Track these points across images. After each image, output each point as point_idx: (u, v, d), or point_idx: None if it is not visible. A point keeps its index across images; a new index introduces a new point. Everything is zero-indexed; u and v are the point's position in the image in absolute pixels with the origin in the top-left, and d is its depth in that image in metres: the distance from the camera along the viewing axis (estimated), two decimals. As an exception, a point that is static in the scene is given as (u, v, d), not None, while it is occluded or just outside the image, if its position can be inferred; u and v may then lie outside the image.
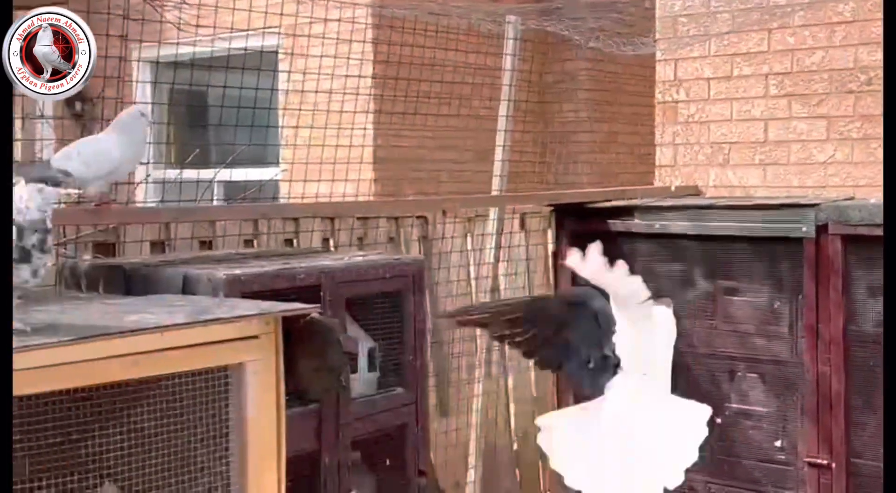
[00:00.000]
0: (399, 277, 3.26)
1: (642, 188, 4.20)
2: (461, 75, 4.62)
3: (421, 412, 3.28)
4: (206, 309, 2.44)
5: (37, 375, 2.05)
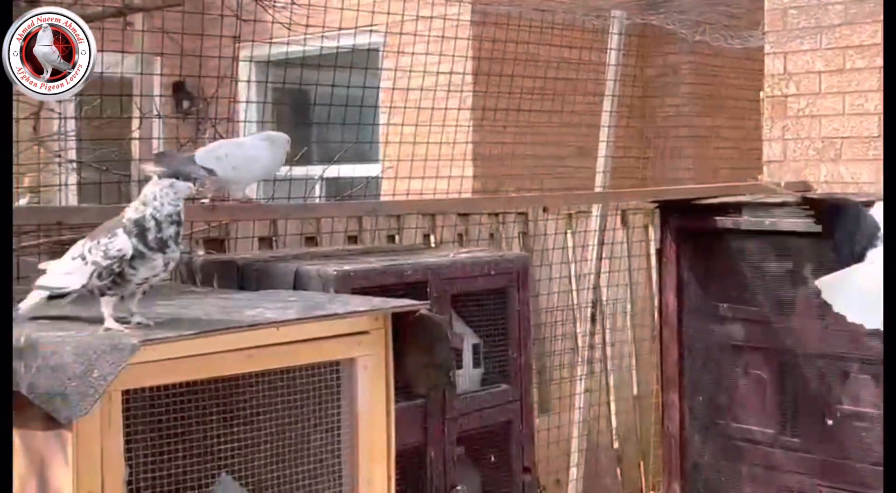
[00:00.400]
0: (504, 273, 3.26)
1: (750, 184, 4.12)
2: (561, 71, 4.59)
3: (526, 409, 3.28)
4: (319, 305, 2.48)
5: (160, 367, 2.12)
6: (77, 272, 2.15)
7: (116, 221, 2.18)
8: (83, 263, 2.14)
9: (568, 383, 4.73)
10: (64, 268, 2.19)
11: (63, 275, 2.18)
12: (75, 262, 2.16)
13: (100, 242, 2.14)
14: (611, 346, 5.03)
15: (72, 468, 2.02)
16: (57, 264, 2.24)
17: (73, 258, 2.17)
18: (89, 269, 2.13)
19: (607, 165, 4.43)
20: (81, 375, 1.94)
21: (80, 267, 2.14)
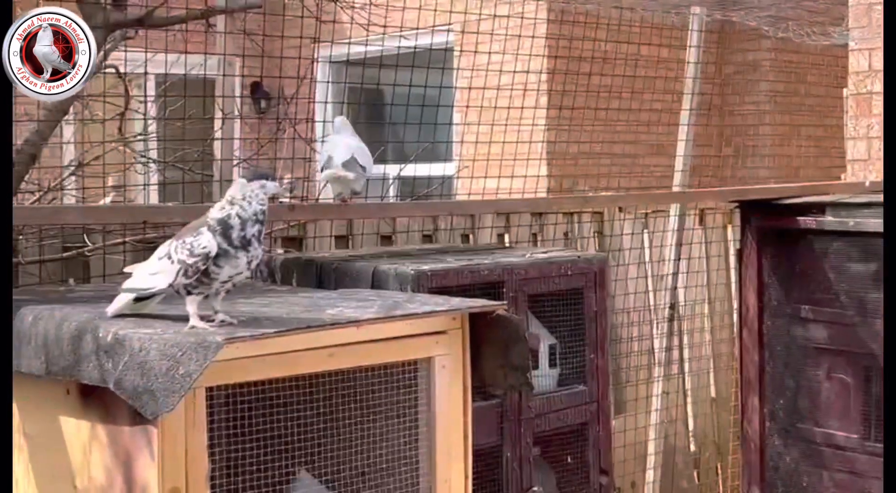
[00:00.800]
0: (581, 273, 3.24)
1: (834, 184, 4.02)
2: (637, 68, 4.54)
3: (603, 410, 3.25)
4: (398, 304, 2.49)
5: (242, 365, 2.15)
6: (163, 272, 2.18)
7: (201, 220, 2.22)
8: (169, 262, 2.17)
9: (644, 384, 4.67)
10: (150, 269, 2.23)
11: (149, 276, 2.21)
12: (162, 262, 2.19)
13: (185, 241, 2.17)
14: (688, 348, 4.96)
15: (157, 464, 2.05)
16: (143, 266, 2.28)
17: (160, 258, 2.20)
18: (175, 268, 2.16)
19: (686, 164, 4.37)
20: (167, 372, 1.97)
21: (167, 266, 2.17)
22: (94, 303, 2.49)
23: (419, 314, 2.41)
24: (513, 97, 4.11)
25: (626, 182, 6.38)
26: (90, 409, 2.20)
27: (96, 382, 2.11)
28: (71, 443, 2.25)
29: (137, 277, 2.26)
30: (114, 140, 3.27)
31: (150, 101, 3.85)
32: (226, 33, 3.15)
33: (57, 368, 2.20)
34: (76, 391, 2.22)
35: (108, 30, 3.07)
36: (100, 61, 3.14)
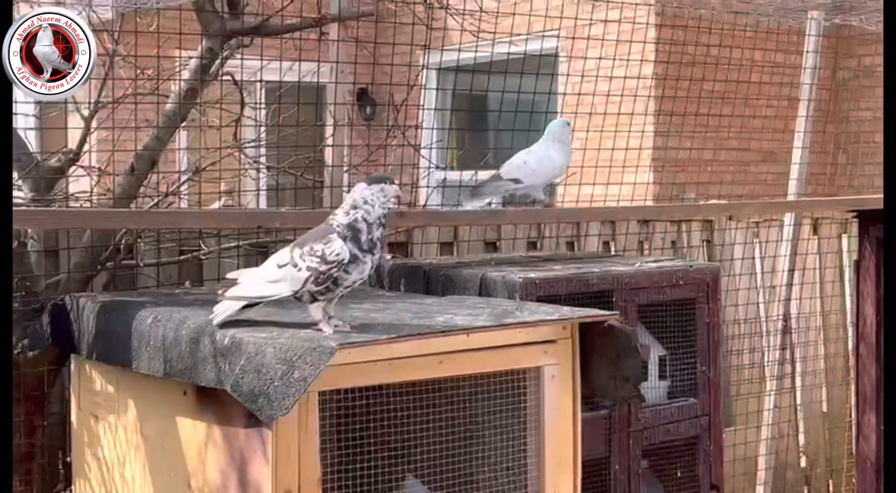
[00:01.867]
0: (693, 284, 3.17)
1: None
2: (749, 74, 4.43)
3: (715, 424, 3.18)
4: (507, 312, 2.48)
5: (354, 370, 2.16)
6: (287, 280, 2.16)
7: (325, 227, 2.20)
8: (296, 270, 2.14)
9: (755, 398, 4.55)
10: (267, 276, 2.20)
11: (267, 283, 2.18)
12: (284, 269, 2.16)
13: (314, 249, 2.15)
14: (801, 361, 4.82)
15: (271, 466, 2.08)
16: (253, 273, 2.26)
17: (281, 266, 2.18)
18: (304, 275, 2.14)
19: (802, 172, 4.24)
20: (283, 375, 2.00)
21: (292, 274, 2.15)
22: (210, 306, 2.54)
23: (530, 323, 2.39)
24: (620, 102, 4.06)
25: (734, 190, 6.24)
26: (206, 410, 2.24)
27: (213, 384, 2.15)
28: (187, 444, 2.29)
29: (249, 284, 2.23)
30: (229, 146, 3.34)
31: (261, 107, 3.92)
32: (339, 41, 3.19)
33: (175, 369, 2.25)
34: (193, 393, 2.26)
35: (225, 38, 3.14)
36: (216, 69, 3.21)
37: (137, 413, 2.46)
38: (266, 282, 2.19)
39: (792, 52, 4.56)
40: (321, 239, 2.17)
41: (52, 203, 3.05)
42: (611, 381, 2.54)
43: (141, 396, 2.46)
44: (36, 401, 2.96)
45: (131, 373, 2.42)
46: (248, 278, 2.26)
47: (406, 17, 3.54)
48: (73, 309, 2.65)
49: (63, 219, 2.86)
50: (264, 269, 2.24)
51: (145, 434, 2.43)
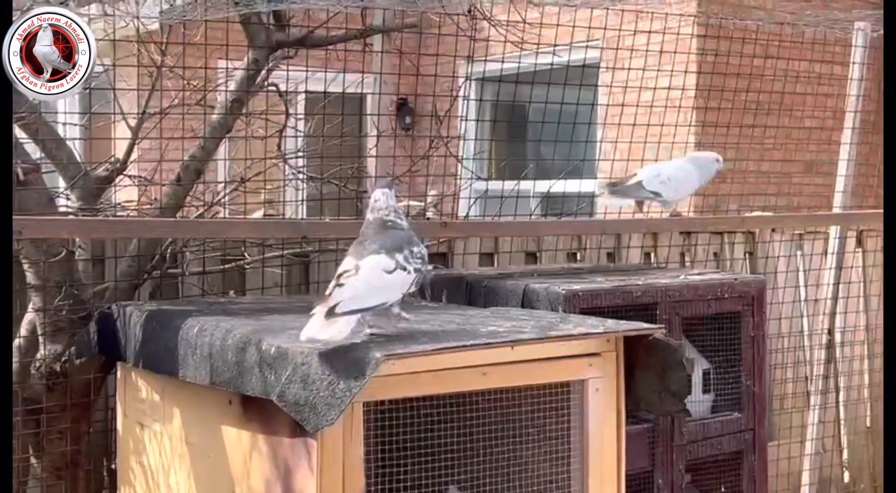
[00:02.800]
0: (738, 297, 3.14)
1: None
2: (794, 83, 4.39)
3: (759, 439, 3.14)
4: (551, 324, 2.47)
5: (399, 381, 2.16)
6: (397, 284, 2.13)
7: (401, 233, 2.20)
8: (405, 273, 2.13)
9: (799, 413, 4.50)
10: (377, 283, 2.11)
11: (380, 290, 2.11)
12: (394, 274, 2.12)
13: (414, 252, 2.17)
14: (845, 376, 4.75)
15: (315, 476, 2.09)
16: (358, 284, 2.09)
17: (390, 272, 2.12)
18: (412, 277, 2.16)
19: (848, 184, 4.19)
20: (328, 386, 2.00)
21: (402, 278, 2.13)
22: (256, 315, 2.56)
23: (574, 336, 2.38)
24: (662, 113, 4.03)
25: (777, 201, 6.18)
26: (251, 420, 2.25)
27: (259, 393, 2.16)
28: (232, 453, 2.31)
29: (361, 297, 2.08)
30: (273, 157, 3.36)
31: (303, 118, 3.95)
32: (382, 52, 3.20)
33: (221, 378, 2.26)
34: (238, 402, 2.28)
35: (271, 49, 3.16)
36: (262, 79, 3.23)
37: (183, 422, 2.48)
38: (377, 289, 2.11)
39: (837, 63, 4.51)
40: (411, 242, 2.18)
41: (100, 212, 3.09)
42: (655, 394, 2.52)
43: (186, 404, 2.47)
44: (82, 408, 2.99)
45: (177, 382, 2.44)
46: (352, 292, 2.08)
47: (449, 29, 3.55)
48: (119, 317, 2.68)
49: (112, 228, 2.89)
50: (366, 278, 2.11)
51: (190, 443, 2.45)
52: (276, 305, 2.86)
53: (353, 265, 2.11)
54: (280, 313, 2.61)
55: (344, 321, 2.04)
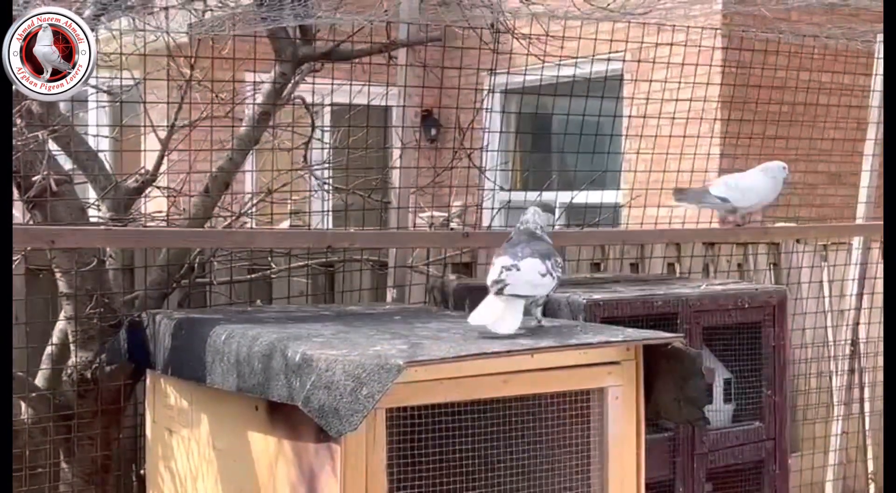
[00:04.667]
0: (759, 307, 3.16)
1: None
2: (817, 95, 4.40)
3: (780, 449, 3.16)
4: (571, 333, 2.50)
5: (421, 388, 2.21)
6: (547, 285, 2.51)
7: (545, 245, 2.56)
8: (552, 277, 2.51)
9: (822, 423, 4.49)
10: (534, 280, 2.48)
11: (534, 287, 2.48)
12: (547, 277, 2.50)
13: (557, 261, 2.55)
14: (869, 386, 4.74)
15: (339, 481, 2.13)
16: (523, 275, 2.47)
17: (543, 274, 2.50)
18: (554, 283, 2.53)
19: (871, 195, 4.20)
20: (352, 392, 2.05)
21: (550, 281, 2.51)
22: (282, 324, 2.61)
23: (594, 344, 2.41)
24: (686, 125, 4.06)
25: (802, 212, 6.17)
26: (277, 425, 2.30)
27: (284, 399, 2.20)
28: (258, 458, 2.35)
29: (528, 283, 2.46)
30: (299, 168, 3.42)
31: (329, 130, 4.00)
32: (406, 65, 3.25)
33: (248, 385, 2.31)
34: (264, 408, 2.33)
35: (297, 63, 3.22)
36: (288, 92, 3.29)
37: (210, 428, 2.53)
38: (533, 285, 2.48)
39: (861, 74, 4.51)
40: (553, 253, 2.56)
41: (130, 223, 3.16)
42: (675, 403, 2.55)
43: (214, 410, 2.52)
44: (112, 414, 3.05)
45: (205, 388, 2.49)
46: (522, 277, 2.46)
47: (472, 41, 3.59)
48: (149, 325, 2.74)
49: (142, 238, 2.96)
50: (526, 274, 2.48)
51: (217, 448, 2.50)
52: (301, 313, 2.91)
53: (512, 264, 2.48)
54: (305, 322, 2.66)
55: (512, 317, 2.39)
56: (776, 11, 4.06)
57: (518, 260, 2.48)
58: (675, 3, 3.81)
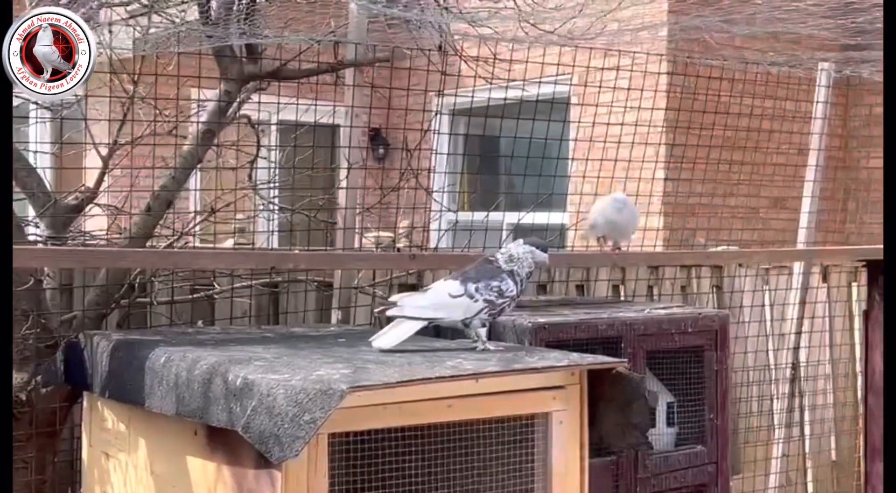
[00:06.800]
0: (702, 331, 3.19)
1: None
2: (757, 121, 4.48)
3: (722, 472, 3.18)
4: (516, 357, 2.49)
5: (363, 413, 2.18)
6: (460, 307, 2.50)
7: (492, 268, 2.55)
8: (471, 300, 2.50)
9: (764, 446, 4.54)
10: (439, 302, 2.51)
11: (438, 309, 2.50)
12: (459, 299, 2.50)
13: (490, 285, 2.52)
14: (809, 410, 4.81)
15: (280, 507, 2.09)
16: (420, 300, 2.54)
17: (455, 296, 2.51)
18: (479, 305, 2.51)
19: (811, 220, 4.27)
20: (293, 418, 2.02)
21: (467, 304, 2.50)
22: (222, 346, 2.57)
23: (538, 369, 2.41)
24: (631, 148, 4.10)
25: (744, 236, 6.26)
26: (216, 451, 2.26)
27: (224, 424, 2.16)
28: (197, 483, 2.31)
29: (420, 308, 2.50)
30: (244, 187, 3.39)
31: (276, 149, 3.98)
32: (354, 85, 3.24)
33: (187, 409, 2.27)
34: (204, 433, 2.28)
35: (243, 81, 3.19)
36: (233, 111, 3.26)
37: (148, 452, 2.48)
38: (438, 307, 2.50)
39: (803, 101, 4.60)
40: (495, 277, 2.54)
41: (69, 241, 3.09)
42: (619, 427, 2.55)
43: (152, 435, 2.47)
44: (48, 437, 2.98)
45: (143, 412, 2.44)
46: (414, 302, 2.53)
47: (421, 62, 3.59)
48: (86, 347, 2.68)
49: (81, 257, 2.90)
50: (431, 296, 2.54)
51: (155, 473, 2.45)
52: (243, 335, 2.87)
53: (428, 288, 2.57)
54: (248, 344, 2.62)
55: (403, 330, 2.45)
56: (721, 38, 4.13)
57: (438, 281, 2.56)
58: (621, 28, 3.85)
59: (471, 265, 2.63)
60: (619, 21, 3.90)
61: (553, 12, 3.30)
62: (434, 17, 3.31)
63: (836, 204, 7.26)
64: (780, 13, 3.57)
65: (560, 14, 3.31)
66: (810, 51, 4.61)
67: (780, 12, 3.55)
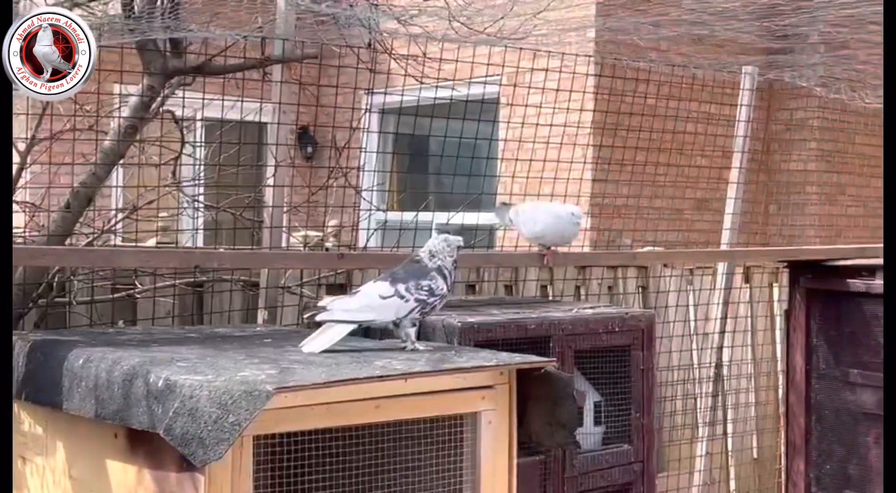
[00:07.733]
0: (628, 331, 3.22)
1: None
2: (685, 123, 4.54)
3: (648, 470, 3.21)
4: (445, 357, 2.48)
5: (290, 414, 2.14)
6: (391, 308, 2.49)
7: (420, 267, 2.54)
8: (402, 300, 2.49)
9: (687, 444, 4.60)
10: (370, 304, 2.50)
11: (371, 310, 2.49)
12: (390, 300, 2.49)
13: (420, 284, 2.52)
14: (732, 408, 4.89)
15: (203, 511, 2.04)
16: (350, 302, 2.52)
17: (385, 297, 2.50)
18: (411, 305, 2.50)
19: (735, 222, 4.34)
20: (217, 420, 1.97)
21: (398, 304, 2.49)
22: (144, 346, 2.51)
23: (467, 369, 2.40)
24: (560, 148, 4.12)
25: (669, 236, 6.35)
26: (138, 453, 2.20)
27: (146, 427, 2.11)
28: (117, 487, 2.24)
29: (351, 311, 2.48)
30: (167, 185, 3.31)
31: (201, 145, 3.90)
32: (282, 82, 3.19)
33: (107, 411, 2.20)
34: (124, 436, 2.22)
35: (167, 76, 3.12)
36: (157, 106, 3.19)
37: (66, 456, 2.40)
38: (369, 308, 2.49)
39: (727, 104, 4.67)
40: (424, 277, 2.53)
41: (-16, 238, 2.99)
42: (547, 427, 2.55)
43: (70, 438, 2.40)
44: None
45: (61, 414, 2.36)
46: (343, 305, 2.51)
47: (350, 60, 3.56)
48: (1, 347, 2.59)
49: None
50: (361, 299, 2.52)
51: (74, 477, 2.38)
52: (166, 336, 2.81)
53: (357, 290, 2.55)
54: (170, 345, 2.56)
55: (333, 334, 2.43)
56: (647, 41, 4.17)
57: (367, 283, 2.56)
58: (549, 29, 3.87)
59: (399, 266, 2.61)
60: (548, 22, 3.92)
61: (482, 10, 3.30)
62: (363, 13, 3.29)
63: (758, 206, 7.41)
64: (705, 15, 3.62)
65: (490, 11, 3.31)
66: (734, 55, 4.70)
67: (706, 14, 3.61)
